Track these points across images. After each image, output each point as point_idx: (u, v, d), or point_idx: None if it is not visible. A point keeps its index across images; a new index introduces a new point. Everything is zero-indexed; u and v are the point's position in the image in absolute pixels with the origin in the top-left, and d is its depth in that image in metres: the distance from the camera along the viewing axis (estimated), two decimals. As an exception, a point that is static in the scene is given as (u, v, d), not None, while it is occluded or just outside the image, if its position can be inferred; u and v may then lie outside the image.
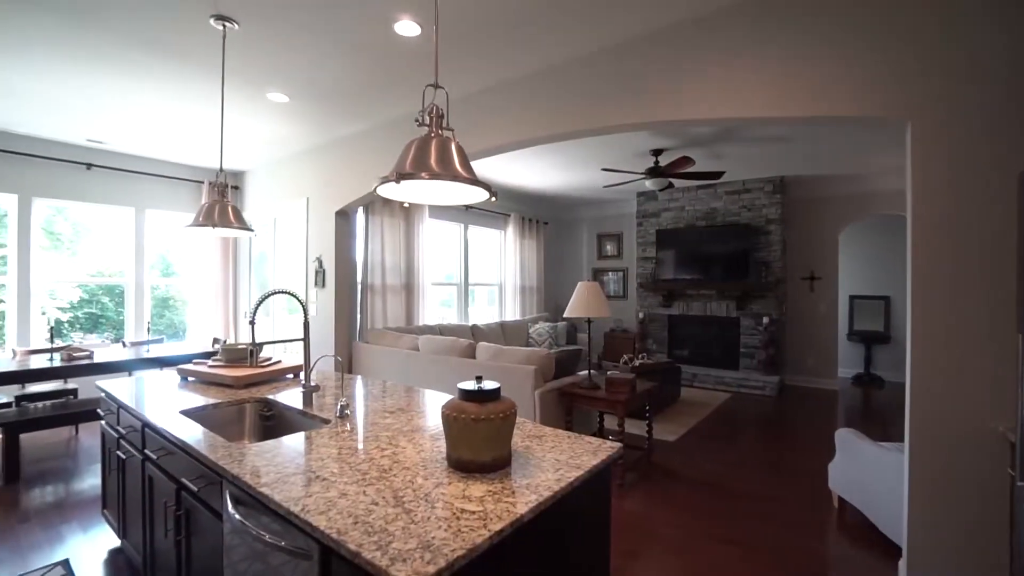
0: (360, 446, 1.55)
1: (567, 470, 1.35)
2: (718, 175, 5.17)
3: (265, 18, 2.65)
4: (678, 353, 7.09)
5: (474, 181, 1.37)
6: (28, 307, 4.82)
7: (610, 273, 8.36)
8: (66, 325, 5.79)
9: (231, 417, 2.11)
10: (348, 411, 1.91)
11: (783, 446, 4.20)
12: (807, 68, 2.34)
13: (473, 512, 1.11)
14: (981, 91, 1.97)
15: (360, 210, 5.29)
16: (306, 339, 2.14)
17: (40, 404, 3.89)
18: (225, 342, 4.87)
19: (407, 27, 2.70)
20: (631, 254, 8.01)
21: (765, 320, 6.20)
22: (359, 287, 5.32)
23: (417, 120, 1.39)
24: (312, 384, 2.10)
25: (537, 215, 8.33)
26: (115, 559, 2.41)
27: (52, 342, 4.12)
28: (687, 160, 4.73)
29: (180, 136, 4.74)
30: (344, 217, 4.85)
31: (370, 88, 3.59)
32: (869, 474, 2.69)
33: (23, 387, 4.29)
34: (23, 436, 3.46)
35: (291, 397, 2.16)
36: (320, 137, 4.78)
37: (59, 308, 5.97)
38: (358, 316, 5.29)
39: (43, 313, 5.06)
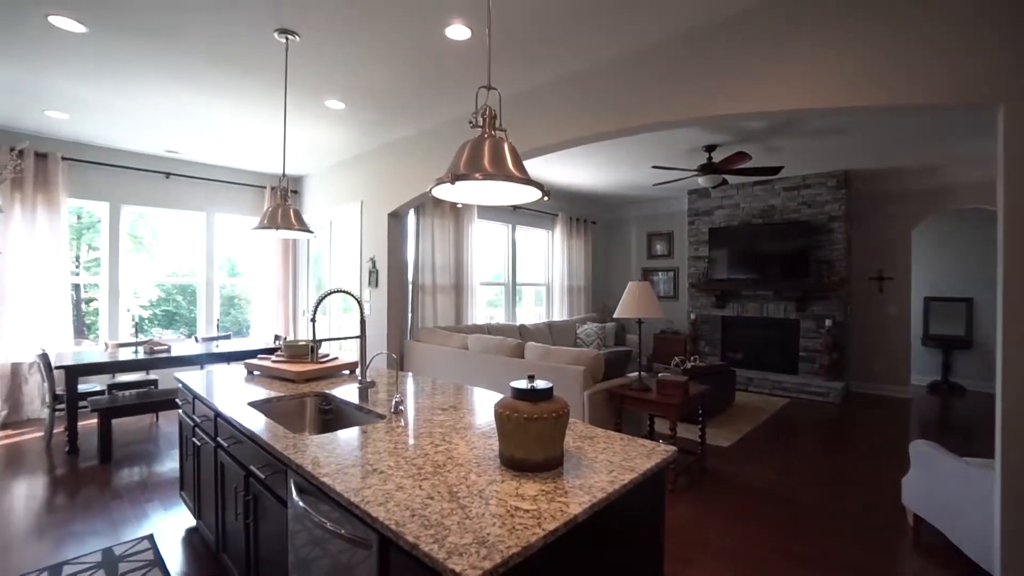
0: (414, 441, 1.59)
1: (620, 472, 1.33)
2: (776, 170, 4.93)
3: (324, 30, 2.77)
4: (732, 356, 6.81)
5: (527, 181, 1.37)
6: (117, 304, 5.28)
7: (660, 273, 8.16)
8: (146, 321, 6.29)
9: (293, 410, 2.22)
10: (402, 407, 1.96)
11: (849, 457, 3.95)
12: (880, 54, 2.19)
13: (527, 511, 1.11)
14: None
15: (411, 211, 5.43)
16: (362, 337, 2.22)
17: (127, 392, 4.24)
18: (285, 339, 5.14)
19: (458, 31, 2.75)
20: (682, 253, 7.77)
21: (827, 322, 5.85)
22: (410, 287, 5.46)
23: (471, 122, 1.41)
24: (368, 380, 2.18)
25: (585, 214, 8.25)
26: (191, 537, 2.60)
27: (136, 337, 4.49)
28: (743, 156, 4.54)
29: (246, 144, 5.04)
30: (396, 219, 5.00)
31: (421, 92, 3.68)
32: (951, 491, 2.48)
33: (113, 376, 4.71)
34: (113, 421, 3.79)
35: (347, 392, 2.25)
36: (373, 141, 4.94)
37: (140, 306, 6.50)
38: (409, 315, 5.43)
39: (128, 311, 5.53)
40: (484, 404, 2.08)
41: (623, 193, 7.42)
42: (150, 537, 2.58)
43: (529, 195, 1.46)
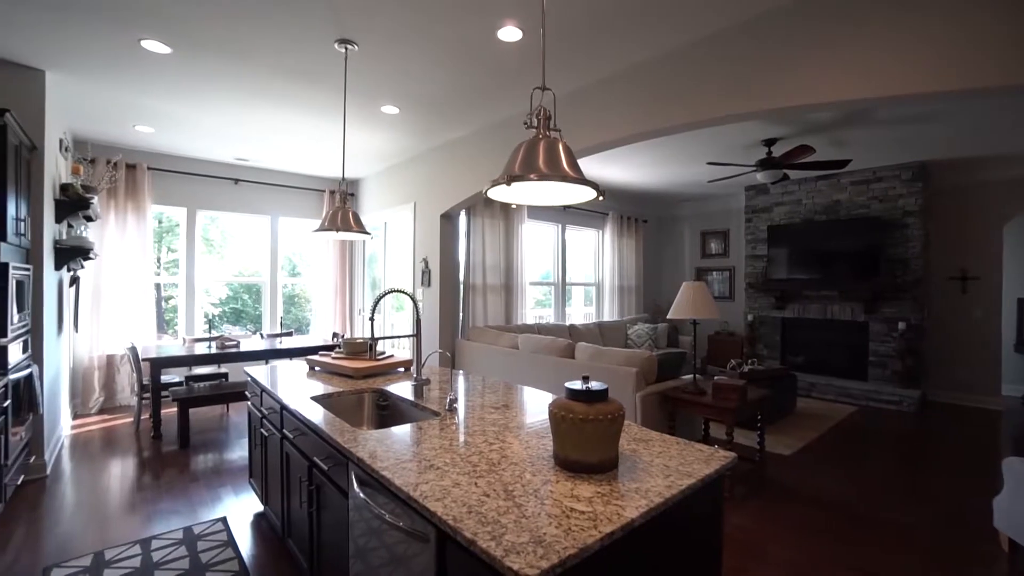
0: (469, 439, 1.62)
1: (678, 477, 1.30)
2: (843, 164, 4.63)
3: (381, 38, 2.87)
4: (792, 359, 6.47)
5: (582, 180, 1.36)
6: (193, 302, 5.71)
7: (715, 273, 7.86)
8: (216, 318, 6.76)
9: (352, 405, 2.31)
10: (456, 405, 2.00)
11: (929, 472, 3.65)
12: (963, 34, 2.01)
13: (582, 512, 1.11)
14: None
15: (462, 212, 5.52)
16: (418, 335, 2.29)
17: (201, 384, 4.58)
18: (343, 336, 5.35)
19: (510, 33, 2.77)
20: (738, 252, 7.46)
21: (901, 325, 5.43)
22: (461, 286, 5.55)
23: (526, 123, 1.42)
24: (423, 378, 2.24)
25: (636, 213, 8.09)
26: (259, 522, 2.77)
27: (209, 333, 4.83)
28: (806, 149, 4.29)
29: (307, 150, 5.30)
30: (448, 220, 5.10)
31: (472, 94, 3.73)
32: (1050, 513, 2.24)
33: (190, 369, 5.09)
34: (190, 410, 4.10)
35: (402, 389, 2.32)
36: (426, 144, 5.07)
37: (211, 303, 6.98)
38: (460, 314, 5.53)
39: (205, 314, 5.95)
40: (535, 404, 2.09)
41: (676, 191, 7.21)
42: (223, 519, 2.77)
43: (584, 195, 1.45)
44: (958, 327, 5.66)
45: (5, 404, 2.60)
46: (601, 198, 1.42)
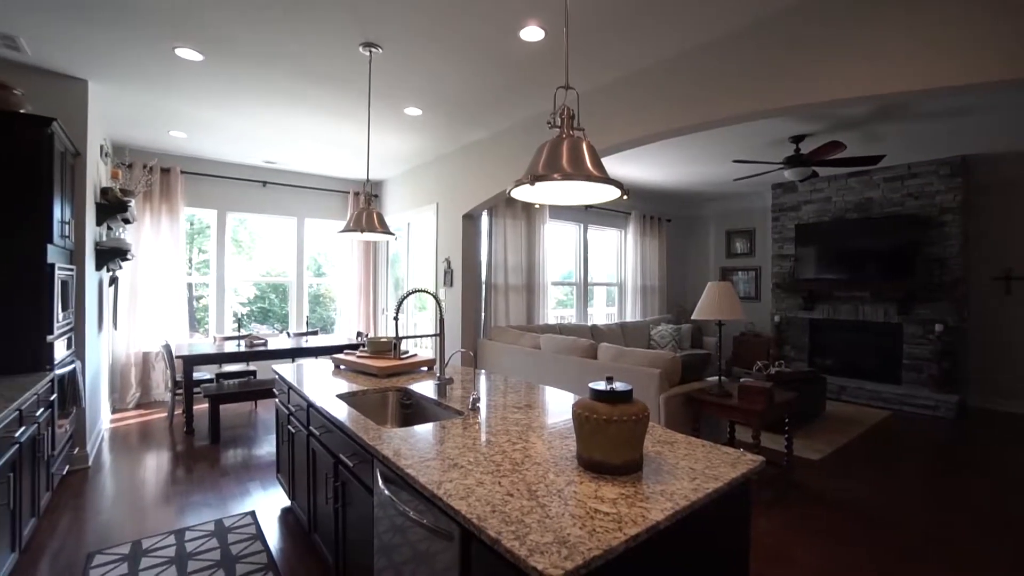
0: (492, 438, 1.62)
1: (704, 480, 1.28)
2: (876, 160, 4.48)
3: (404, 40, 2.91)
4: (821, 362, 6.30)
5: (606, 180, 1.36)
6: (223, 302, 5.88)
7: (740, 272, 7.71)
8: (244, 317, 6.94)
9: (376, 403, 2.35)
10: (479, 404, 2.02)
11: (966, 480, 3.50)
12: (1008, 20, 1.93)
13: (607, 513, 1.10)
14: None
15: (484, 213, 5.54)
16: (441, 335, 2.31)
17: (231, 381, 4.71)
18: (367, 336, 5.43)
19: (532, 33, 2.77)
20: (765, 252, 7.30)
21: (938, 327, 5.23)
22: (483, 286, 5.57)
23: (549, 122, 1.41)
24: (446, 377, 2.26)
25: (659, 212, 7.99)
26: (286, 516, 2.83)
27: (238, 331, 4.96)
28: (836, 145, 4.17)
29: (332, 153, 5.40)
30: (470, 220, 5.12)
31: (494, 95, 3.74)
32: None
33: (220, 366, 5.24)
34: (220, 406, 4.23)
35: (426, 388, 2.34)
36: (448, 145, 5.10)
37: (240, 303, 7.17)
38: (482, 314, 5.55)
39: (231, 309, 6.12)
40: (557, 404, 2.08)
41: (700, 189, 7.10)
42: (252, 513, 2.84)
43: (608, 194, 1.44)
44: (1002, 329, 5.42)
45: (52, 398, 2.73)
46: (625, 197, 1.41)
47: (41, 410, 2.52)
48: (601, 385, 1.34)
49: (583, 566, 0.93)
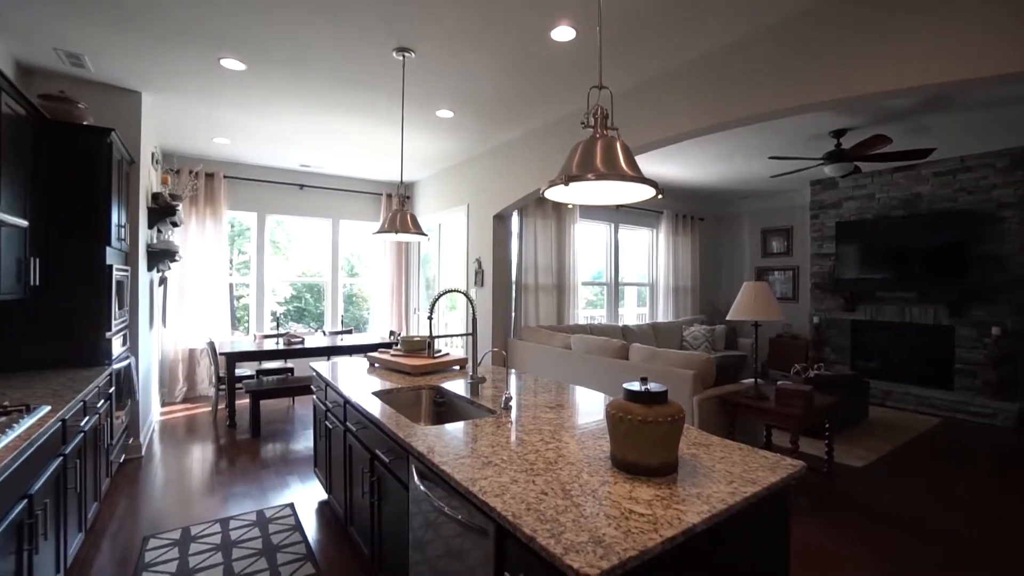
0: (525, 437, 1.64)
1: (741, 484, 1.26)
2: (924, 153, 4.27)
3: (436, 44, 2.95)
4: (864, 365, 6.04)
5: (640, 179, 1.35)
6: (263, 301, 6.10)
7: (777, 272, 7.48)
8: (281, 316, 7.17)
9: (410, 400, 2.40)
10: (511, 403, 2.03)
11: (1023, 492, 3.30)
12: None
13: (642, 515, 1.10)
14: None
15: (515, 213, 5.56)
16: (474, 334, 2.34)
17: (270, 378, 4.89)
18: (400, 335, 5.53)
19: (563, 33, 2.77)
20: (803, 251, 7.06)
21: (995, 331, 4.94)
22: (514, 286, 5.60)
23: (583, 122, 1.42)
24: (478, 376, 2.28)
25: (692, 211, 7.84)
26: (323, 509, 2.92)
27: (277, 330, 5.14)
28: (880, 139, 4.00)
29: (366, 155, 5.53)
30: (501, 220, 5.16)
31: (525, 95, 3.76)
32: None
33: (260, 363, 5.44)
34: (260, 401, 4.39)
35: (457, 387, 2.38)
36: (480, 147, 5.15)
37: (277, 302, 7.42)
38: (512, 314, 5.58)
39: (269, 308, 6.34)
40: (589, 404, 2.08)
41: (735, 187, 6.92)
42: (291, 505, 2.95)
43: (643, 193, 1.43)
44: (1064, 332, 5.07)
45: (110, 390, 2.90)
46: (660, 196, 1.40)
47: (101, 402, 2.69)
48: (635, 386, 1.33)
49: (619, 566, 0.93)
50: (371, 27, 2.75)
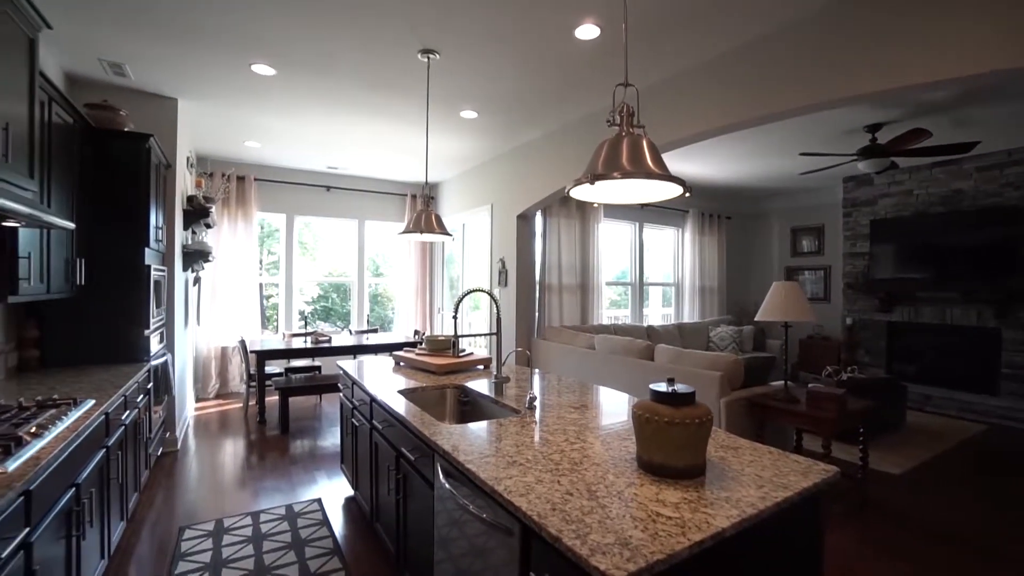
0: (550, 437, 1.63)
1: (772, 489, 1.23)
2: (968, 147, 4.09)
3: (461, 45, 2.97)
4: (901, 368, 5.82)
5: (667, 177, 1.33)
6: (291, 300, 6.25)
7: (807, 272, 7.27)
8: (310, 315, 7.32)
9: (435, 399, 2.42)
10: (535, 403, 2.03)
11: (1079, 503, 3.13)
12: None
13: (669, 518, 1.08)
14: None
15: (538, 212, 5.55)
16: (498, 334, 2.34)
17: (298, 376, 5.00)
18: (424, 334, 5.59)
19: (587, 31, 2.75)
20: (834, 250, 6.84)
21: (1045, 333, 4.69)
22: (537, 286, 5.59)
23: (608, 120, 1.40)
24: (503, 376, 2.29)
25: (718, 210, 7.68)
26: (350, 505, 2.98)
27: (305, 328, 5.25)
28: (919, 133, 3.85)
29: (391, 157, 5.61)
30: (525, 220, 5.16)
31: (549, 95, 3.75)
32: None
33: (288, 361, 5.58)
34: (289, 398, 4.50)
35: (481, 386, 2.39)
36: (503, 146, 5.16)
37: (305, 302, 7.58)
38: (536, 314, 5.57)
39: (297, 308, 6.50)
40: (613, 404, 2.06)
41: (763, 185, 6.76)
42: (319, 500, 3.01)
43: (670, 191, 1.41)
44: (1121, 335, 4.78)
45: (149, 386, 3.02)
46: (688, 194, 1.38)
47: (141, 397, 2.80)
48: (662, 386, 1.31)
49: (646, 569, 0.92)
50: (396, 29, 2.78)
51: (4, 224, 1.95)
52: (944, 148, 4.11)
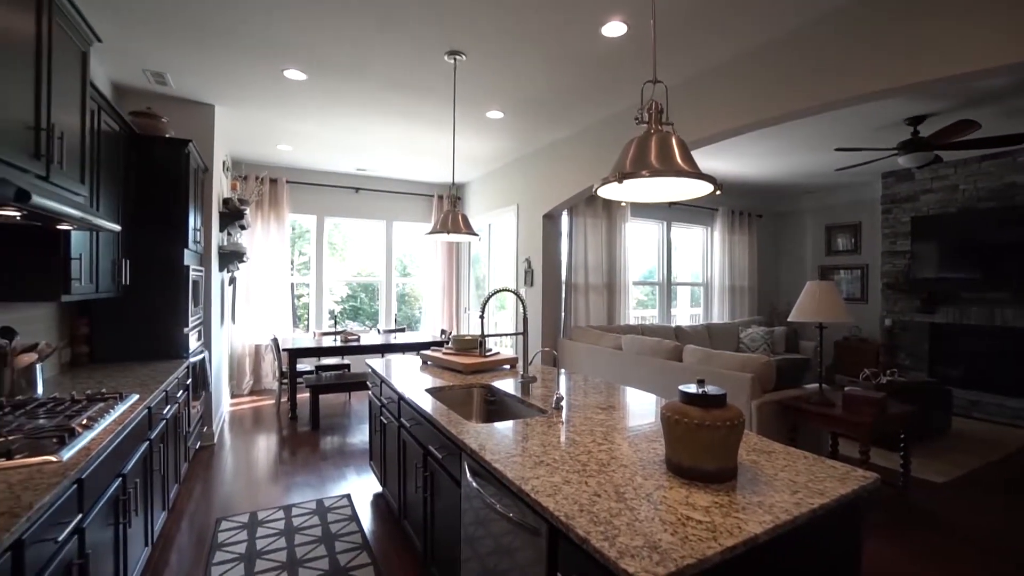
0: (577, 438, 1.63)
1: (807, 495, 1.19)
2: (1022, 138, 3.86)
3: (488, 46, 2.99)
4: (945, 372, 5.55)
5: (697, 174, 1.31)
6: (322, 300, 6.40)
7: (842, 272, 7.02)
8: (339, 315, 7.48)
9: (461, 398, 2.44)
10: (562, 403, 2.03)
11: None
12: None
13: (700, 522, 1.07)
14: None
15: (564, 212, 5.53)
16: (525, 334, 2.35)
17: (328, 374, 5.11)
18: (451, 333, 5.64)
19: (614, 28, 2.72)
20: (872, 248, 6.58)
21: (1106, 336, 4.40)
22: (563, 286, 5.57)
23: (636, 118, 1.39)
24: (529, 375, 2.29)
25: (749, 208, 7.50)
26: (378, 501, 3.03)
27: (335, 327, 5.37)
28: (967, 125, 3.66)
29: (417, 158, 5.68)
30: (551, 220, 5.14)
31: (575, 93, 3.73)
32: None
33: (319, 359, 5.71)
34: (319, 396, 4.62)
35: (507, 386, 2.39)
36: (529, 146, 5.16)
37: (334, 301, 7.74)
38: (562, 314, 5.55)
39: (327, 307, 6.65)
40: (640, 405, 2.04)
41: (796, 182, 6.56)
42: (348, 496, 3.07)
43: (700, 189, 1.39)
44: None
45: (188, 382, 3.15)
46: (719, 192, 1.35)
47: (180, 392, 2.92)
48: (692, 388, 1.29)
49: (676, 574, 0.90)
50: (423, 32, 2.82)
51: (59, 228, 2.06)
52: (995, 140, 3.90)
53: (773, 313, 7.62)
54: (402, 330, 6.03)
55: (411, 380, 2.55)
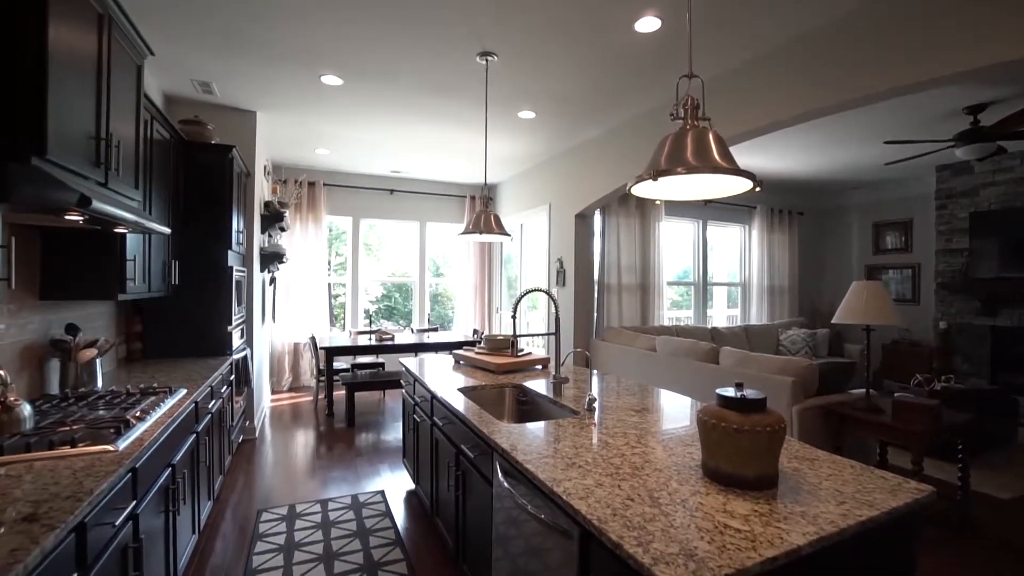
0: (610, 440, 1.60)
1: (854, 506, 1.13)
2: (1096, 128, 3.57)
3: (519, 45, 2.98)
4: (1009, 379, 5.19)
5: (735, 171, 1.26)
6: (357, 300, 6.55)
7: (891, 271, 6.67)
8: (374, 314, 7.64)
9: (493, 398, 2.45)
10: (595, 405, 2.00)
11: None
12: None
13: (738, 530, 1.03)
14: None
15: (597, 211, 5.48)
16: (557, 334, 2.33)
17: (363, 372, 5.23)
18: (483, 333, 5.67)
19: (648, 23, 2.67)
20: (924, 246, 6.23)
21: None
22: (596, 286, 5.51)
23: (672, 114, 1.36)
24: (561, 376, 2.28)
25: (789, 205, 7.23)
26: (411, 498, 3.08)
27: (370, 327, 5.49)
28: (1034, 113, 3.41)
29: (450, 159, 5.74)
30: (583, 219, 5.10)
31: (607, 91, 3.68)
32: None
33: (355, 358, 5.85)
34: (355, 393, 4.73)
35: (539, 386, 2.38)
36: (561, 145, 5.14)
37: (369, 301, 7.91)
38: (595, 314, 5.49)
39: (364, 309, 6.80)
40: (675, 408, 1.99)
41: (840, 177, 6.27)
42: (382, 492, 3.13)
43: (738, 186, 1.34)
44: None
45: (231, 378, 3.28)
46: (759, 189, 1.30)
47: (224, 387, 3.04)
48: (730, 392, 1.25)
49: (713, 583, 0.88)
50: (455, 33, 2.84)
51: (116, 231, 2.18)
52: (1063, 130, 3.62)
53: (815, 314, 7.32)
54: (435, 329, 6.11)
55: (444, 379, 2.57)
